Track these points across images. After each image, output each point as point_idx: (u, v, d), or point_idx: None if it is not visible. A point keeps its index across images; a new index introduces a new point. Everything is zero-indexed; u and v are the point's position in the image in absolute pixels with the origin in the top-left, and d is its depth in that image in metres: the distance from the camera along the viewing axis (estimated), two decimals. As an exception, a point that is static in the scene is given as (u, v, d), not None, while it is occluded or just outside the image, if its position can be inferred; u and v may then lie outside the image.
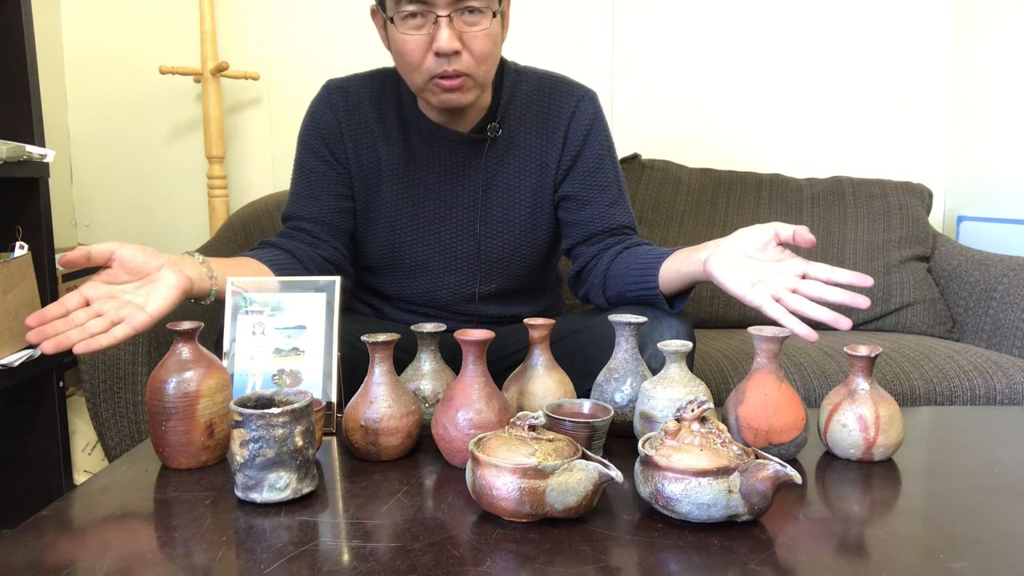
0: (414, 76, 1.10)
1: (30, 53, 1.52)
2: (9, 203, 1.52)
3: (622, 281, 1.14)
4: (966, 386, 1.44)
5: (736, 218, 1.96)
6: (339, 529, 0.72)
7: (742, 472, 0.70)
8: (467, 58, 1.06)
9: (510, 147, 1.22)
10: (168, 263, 0.92)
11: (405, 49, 1.07)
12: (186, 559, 0.66)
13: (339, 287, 0.99)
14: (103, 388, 1.36)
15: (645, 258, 1.12)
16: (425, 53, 1.06)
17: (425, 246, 1.24)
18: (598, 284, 1.20)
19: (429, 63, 1.06)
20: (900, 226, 1.92)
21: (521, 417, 0.75)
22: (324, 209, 1.21)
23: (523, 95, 1.23)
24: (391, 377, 0.89)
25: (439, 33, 1.03)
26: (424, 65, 1.07)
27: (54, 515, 0.75)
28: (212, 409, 0.86)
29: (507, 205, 1.23)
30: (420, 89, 1.11)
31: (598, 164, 1.23)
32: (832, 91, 2.23)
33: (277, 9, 2.13)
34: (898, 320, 1.84)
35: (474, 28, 1.05)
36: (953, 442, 1.00)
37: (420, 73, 1.08)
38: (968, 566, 0.64)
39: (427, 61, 1.06)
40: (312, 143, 1.22)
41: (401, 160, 1.21)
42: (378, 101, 1.22)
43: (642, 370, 0.97)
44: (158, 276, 0.91)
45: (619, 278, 1.15)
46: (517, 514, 0.71)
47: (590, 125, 1.23)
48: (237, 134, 2.18)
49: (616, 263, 1.17)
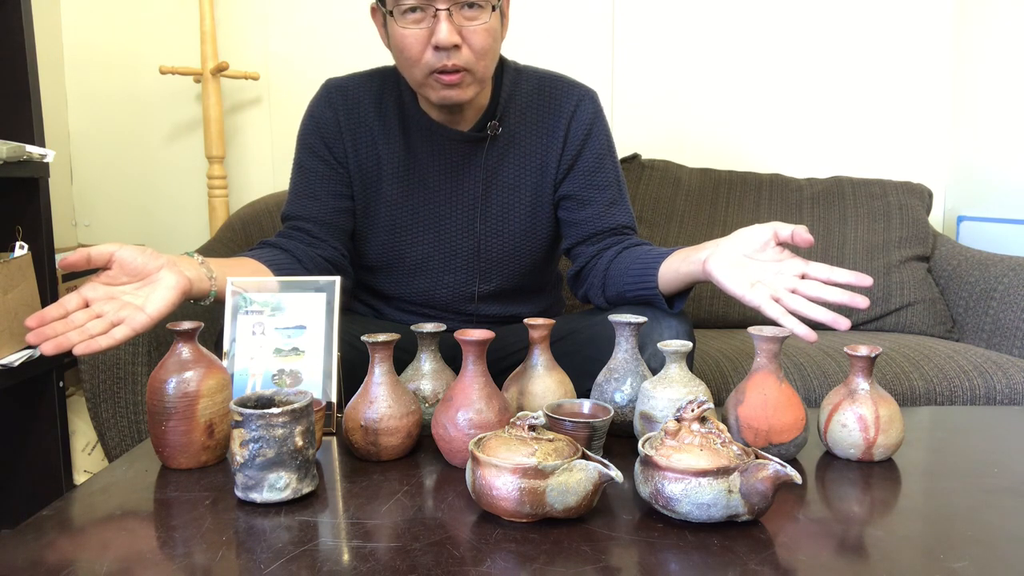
0: (413, 71, 1.10)
1: (30, 53, 1.52)
2: (9, 203, 1.52)
3: (621, 281, 1.14)
4: (966, 386, 1.44)
5: (736, 218, 1.96)
6: (339, 529, 0.72)
7: (742, 472, 0.70)
8: (466, 52, 1.07)
9: (510, 146, 1.22)
10: (167, 264, 0.92)
11: (404, 44, 1.07)
12: (186, 559, 0.66)
13: (339, 287, 0.99)
14: (103, 388, 1.36)
15: (644, 258, 1.12)
16: (424, 47, 1.06)
17: (425, 245, 1.24)
18: (597, 284, 1.20)
19: (428, 57, 1.06)
20: (900, 226, 1.92)
21: (521, 417, 0.75)
22: (323, 209, 1.21)
23: (523, 94, 1.23)
24: (391, 377, 0.89)
25: (438, 27, 1.03)
26: (423, 59, 1.07)
27: (54, 515, 0.75)
28: (212, 409, 0.86)
29: (507, 204, 1.23)
30: (419, 85, 1.11)
31: (598, 164, 1.24)
32: (832, 91, 2.23)
33: (277, 9, 2.13)
34: (898, 320, 1.84)
35: (473, 23, 1.06)
36: (953, 442, 1.00)
37: (419, 68, 1.08)
38: (968, 566, 0.64)
39: (426, 55, 1.06)
40: (311, 142, 1.22)
41: (401, 159, 1.21)
42: (378, 100, 1.22)
43: (642, 370, 0.97)
44: (157, 277, 0.91)
45: (618, 278, 1.15)
46: (517, 514, 0.71)
47: (591, 125, 1.23)
48: (237, 134, 2.18)
49: (615, 263, 1.17)
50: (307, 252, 1.18)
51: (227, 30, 2.11)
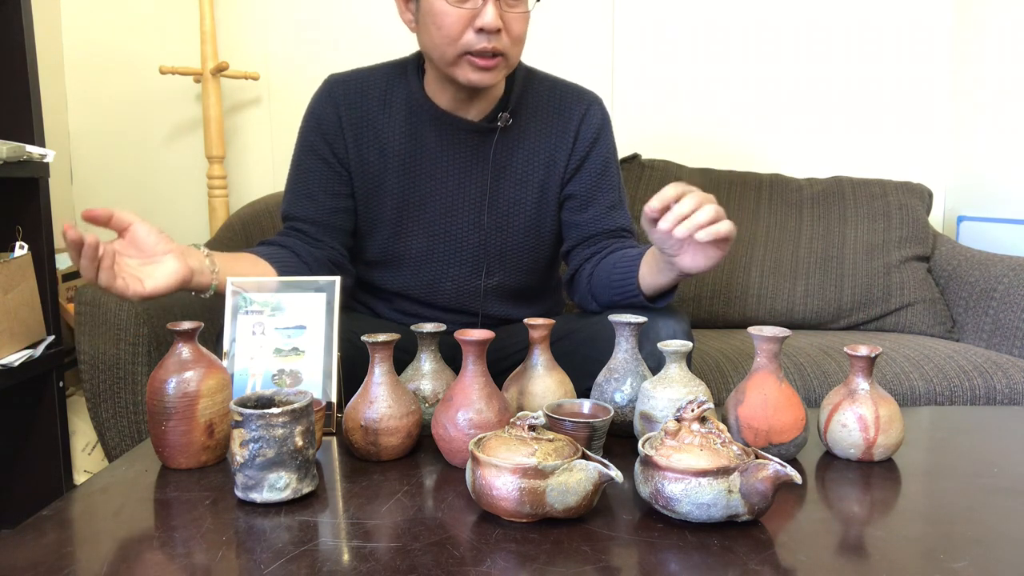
0: (447, 50, 1.10)
1: (30, 53, 1.52)
2: (9, 203, 1.52)
3: (609, 293, 1.16)
4: (966, 386, 1.44)
5: (736, 218, 1.94)
6: (339, 529, 0.72)
7: (742, 472, 0.70)
8: (505, 38, 1.08)
9: (520, 139, 1.23)
10: (175, 251, 0.95)
11: (444, 21, 1.07)
12: (186, 559, 0.66)
13: (339, 287, 0.99)
14: (103, 388, 1.36)
15: (621, 266, 1.14)
16: (465, 27, 1.07)
17: (431, 236, 1.24)
18: (587, 296, 1.21)
19: (469, 38, 1.07)
20: (900, 226, 1.92)
21: (521, 417, 0.75)
22: (321, 210, 1.21)
23: (535, 92, 1.24)
24: (391, 377, 0.89)
25: (485, 9, 1.05)
26: (462, 39, 1.08)
27: (54, 515, 0.75)
28: (212, 409, 0.86)
29: (514, 197, 1.23)
30: (449, 63, 1.11)
31: (604, 167, 1.25)
32: (832, 91, 2.23)
33: (277, 9, 2.13)
34: (898, 320, 1.84)
35: (515, 9, 1.08)
36: (953, 442, 1.00)
37: (455, 47, 1.08)
38: (968, 566, 0.64)
39: (467, 36, 1.07)
40: (312, 139, 1.22)
41: (407, 150, 1.21)
42: (383, 92, 1.22)
43: (642, 370, 0.97)
44: (162, 260, 0.94)
45: (605, 290, 1.17)
46: (517, 514, 0.71)
47: (599, 129, 1.25)
48: (237, 134, 2.18)
49: (596, 273, 1.19)
50: (309, 251, 1.18)
51: (227, 30, 2.11)
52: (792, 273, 1.88)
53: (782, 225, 1.94)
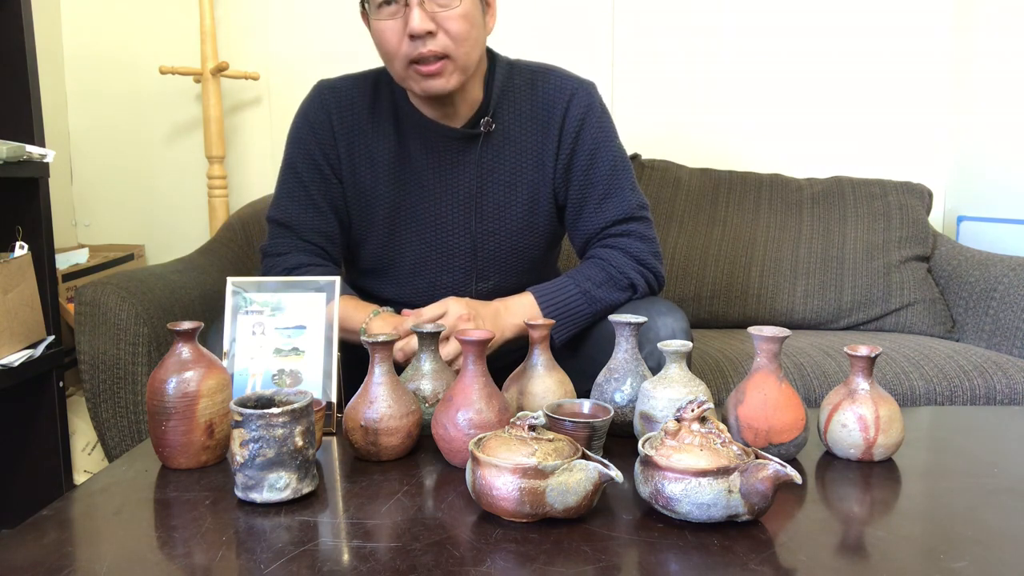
0: (394, 64, 1.10)
1: (30, 53, 1.52)
2: (9, 203, 1.52)
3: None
4: (966, 386, 1.44)
5: (736, 218, 1.96)
6: (339, 529, 0.72)
7: (742, 472, 0.70)
8: (443, 38, 1.07)
9: (505, 142, 1.21)
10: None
11: (382, 37, 1.08)
12: (186, 559, 0.66)
13: (339, 287, 0.99)
14: (103, 388, 1.36)
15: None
16: (401, 38, 1.07)
17: (422, 245, 1.23)
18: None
19: (405, 48, 1.07)
20: (900, 226, 1.92)
21: (521, 417, 0.75)
22: (319, 217, 1.21)
23: (516, 89, 1.22)
24: (391, 377, 0.89)
25: (411, 15, 1.04)
26: (401, 51, 1.07)
27: (54, 515, 0.75)
28: (212, 409, 0.86)
29: (503, 202, 1.22)
30: (402, 78, 1.12)
31: (591, 160, 1.21)
32: (832, 91, 2.23)
33: (277, 9, 2.13)
34: (898, 320, 1.84)
35: (447, 10, 1.06)
36: (953, 442, 1.00)
37: (399, 60, 1.09)
38: (968, 566, 0.64)
39: (403, 46, 1.07)
40: (306, 144, 1.21)
41: (395, 158, 1.21)
42: (371, 99, 1.21)
43: (642, 370, 0.97)
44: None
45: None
46: (517, 514, 0.71)
47: (582, 119, 1.21)
48: (237, 134, 2.18)
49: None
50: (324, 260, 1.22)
51: (227, 30, 2.11)
52: (792, 273, 1.88)
53: (782, 225, 1.94)
